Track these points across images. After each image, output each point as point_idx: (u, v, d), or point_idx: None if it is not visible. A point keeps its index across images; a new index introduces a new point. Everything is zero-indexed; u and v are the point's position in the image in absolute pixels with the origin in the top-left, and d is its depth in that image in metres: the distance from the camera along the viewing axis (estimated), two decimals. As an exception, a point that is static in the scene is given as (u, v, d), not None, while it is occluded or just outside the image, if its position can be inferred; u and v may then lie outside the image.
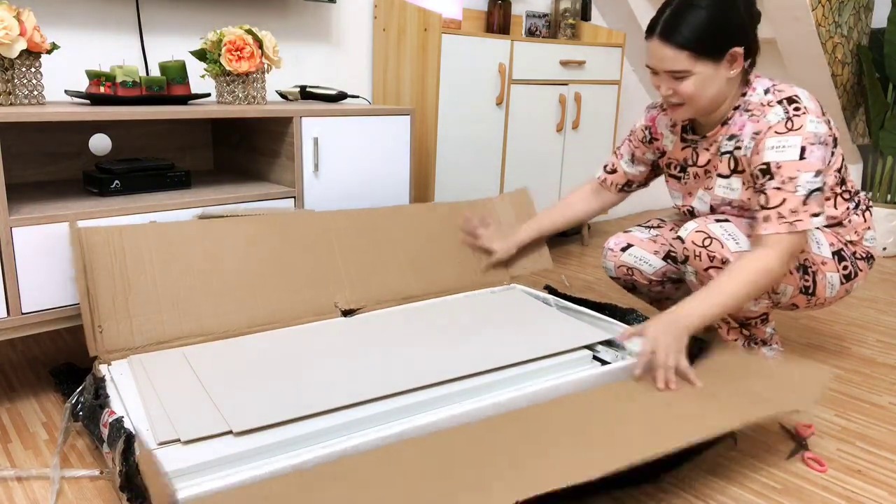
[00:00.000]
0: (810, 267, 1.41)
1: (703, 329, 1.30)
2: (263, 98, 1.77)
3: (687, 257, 1.37)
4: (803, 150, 1.26)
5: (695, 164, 1.45)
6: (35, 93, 1.46)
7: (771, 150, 1.28)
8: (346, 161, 1.80)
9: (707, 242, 1.33)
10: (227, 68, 1.67)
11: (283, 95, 1.99)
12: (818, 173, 1.27)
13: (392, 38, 2.26)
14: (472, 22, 2.62)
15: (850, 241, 1.47)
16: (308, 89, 1.98)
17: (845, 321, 2.04)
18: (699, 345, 1.38)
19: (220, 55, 1.67)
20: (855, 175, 3.07)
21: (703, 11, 1.25)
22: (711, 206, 1.45)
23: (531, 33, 2.74)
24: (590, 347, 1.43)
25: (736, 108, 1.36)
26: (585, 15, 2.78)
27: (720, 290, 1.26)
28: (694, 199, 1.47)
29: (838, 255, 1.44)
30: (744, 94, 1.36)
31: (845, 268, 1.44)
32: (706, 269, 1.35)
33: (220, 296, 1.41)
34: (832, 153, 1.37)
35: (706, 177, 1.43)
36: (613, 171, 1.60)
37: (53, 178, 1.71)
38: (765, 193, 1.29)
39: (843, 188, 1.43)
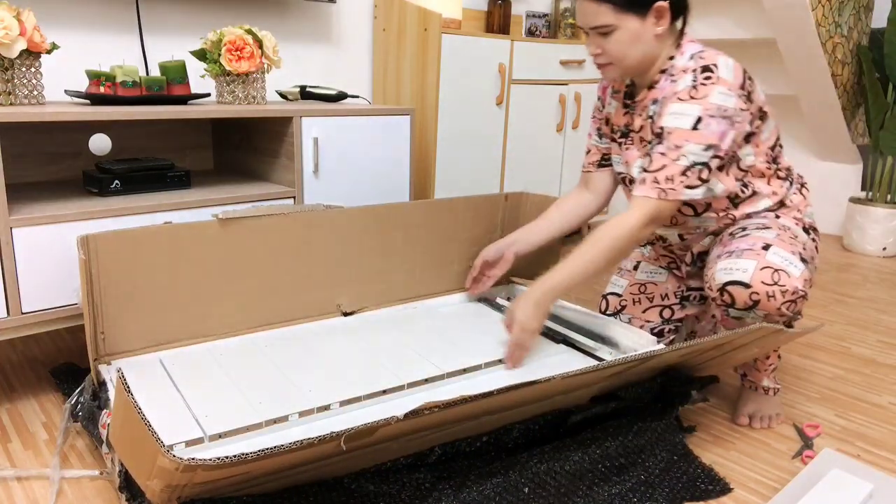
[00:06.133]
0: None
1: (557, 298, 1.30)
2: (263, 98, 1.77)
3: (757, 301, 1.22)
4: (699, 120, 1.24)
5: (633, 130, 1.43)
6: (35, 93, 1.46)
7: (669, 115, 1.26)
8: (346, 161, 1.80)
9: (776, 277, 1.21)
10: (227, 68, 1.67)
11: (283, 95, 1.99)
12: (709, 147, 1.24)
13: (392, 38, 2.26)
14: (472, 22, 2.63)
15: (796, 219, 1.44)
16: (308, 89, 1.98)
17: (845, 321, 2.04)
18: (709, 382, 1.37)
19: (220, 55, 1.67)
20: (855, 175, 3.07)
21: None
22: None
23: (531, 33, 2.74)
24: (591, 355, 1.44)
25: (663, 72, 1.33)
26: (585, 15, 2.78)
27: (580, 258, 1.27)
28: (632, 168, 1.43)
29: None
30: (672, 58, 1.33)
31: (813, 240, 1.42)
32: (779, 308, 1.22)
33: (226, 298, 1.41)
34: (756, 127, 1.33)
35: (642, 144, 1.41)
36: (588, 152, 1.57)
37: (53, 178, 1.71)
38: (650, 156, 1.28)
39: (777, 166, 1.40)
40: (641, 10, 1.25)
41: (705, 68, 1.26)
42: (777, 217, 1.38)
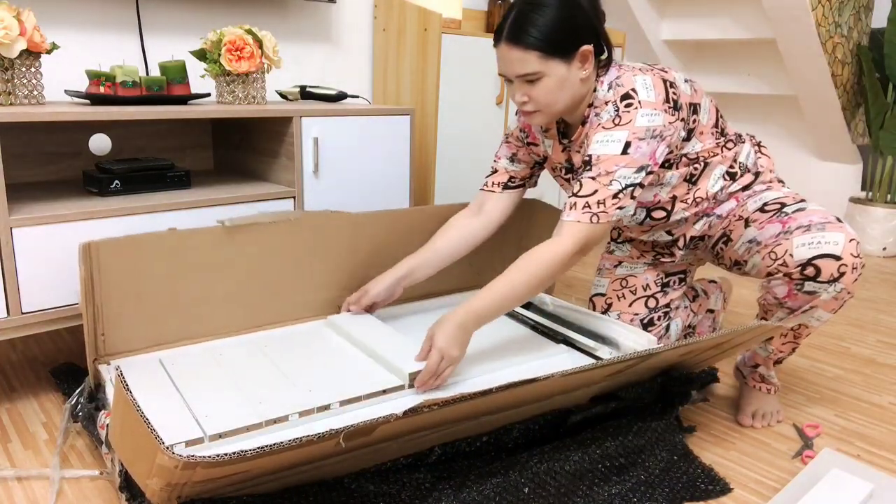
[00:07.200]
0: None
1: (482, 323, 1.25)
2: (263, 98, 1.77)
3: (843, 273, 1.21)
4: (628, 144, 1.23)
5: (576, 167, 1.42)
6: (35, 93, 1.46)
7: (596, 143, 1.26)
8: (346, 161, 1.80)
9: (859, 249, 1.23)
10: (227, 68, 1.67)
11: (283, 95, 1.99)
12: (641, 169, 1.24)
13: (392, 38, 2.26)
14: (472, 22, 2.63)
15: (779, 181, 1.45)
16: (308, 89, 1.98)
17: (845, 321, 2.04)
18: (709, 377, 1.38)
19: (220, 55, 1.67)
20: (855, 175, 3.07)
21: (548, 10, 1.23)
22: None
23: (531, 33, 2.74)
24: (591, 355, 1.44)
25: (591, 106, 1.34)
26: (585, 15, 2.77)
27: (508, 284, 1.24)
28: None
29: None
30: (594, 91, 1.33)
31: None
32: (855, 280, 1.23)
33: (227, 299, 1.41)
34: (693, 122, 1.33)
35: None
36: (494, 172, 1.56)
37: (53, 178, 1.71)
38: (580, 181, 1.26)
39: (725, 138, 1.40)
40: (567, 55, 1.25)
41: (624, 96, 1.26)
42: (769, 188, 1.40)
